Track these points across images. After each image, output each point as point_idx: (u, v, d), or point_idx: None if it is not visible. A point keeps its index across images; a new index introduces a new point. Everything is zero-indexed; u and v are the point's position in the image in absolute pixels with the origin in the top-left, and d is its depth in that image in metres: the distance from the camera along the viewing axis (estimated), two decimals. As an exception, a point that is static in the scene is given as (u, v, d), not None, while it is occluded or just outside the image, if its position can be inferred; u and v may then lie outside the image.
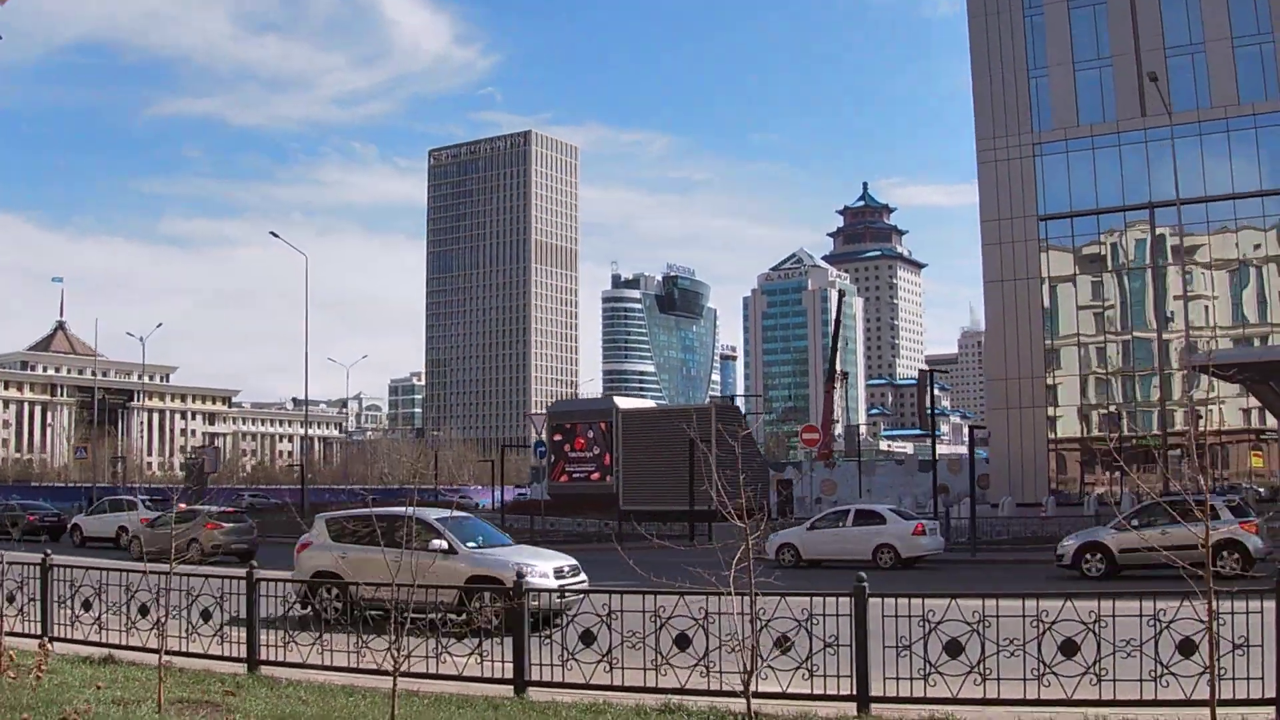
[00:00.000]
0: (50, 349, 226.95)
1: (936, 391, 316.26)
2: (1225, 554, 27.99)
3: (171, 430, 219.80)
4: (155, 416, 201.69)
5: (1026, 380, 67.26)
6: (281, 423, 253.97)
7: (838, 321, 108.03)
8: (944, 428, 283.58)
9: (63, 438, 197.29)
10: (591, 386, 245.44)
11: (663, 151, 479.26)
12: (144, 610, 15.24)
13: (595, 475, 68.91)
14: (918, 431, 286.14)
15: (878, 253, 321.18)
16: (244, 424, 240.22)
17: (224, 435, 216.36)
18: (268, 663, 14.24)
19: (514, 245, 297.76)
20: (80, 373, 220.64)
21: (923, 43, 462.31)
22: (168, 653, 14.60)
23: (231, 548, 40.39)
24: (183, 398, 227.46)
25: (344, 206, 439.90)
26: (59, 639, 16.08)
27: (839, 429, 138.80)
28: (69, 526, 50.12)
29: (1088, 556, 31.00)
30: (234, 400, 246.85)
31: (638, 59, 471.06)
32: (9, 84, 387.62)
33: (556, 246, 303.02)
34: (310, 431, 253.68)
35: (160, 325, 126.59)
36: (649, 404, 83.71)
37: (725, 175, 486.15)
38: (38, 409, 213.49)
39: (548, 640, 13.16)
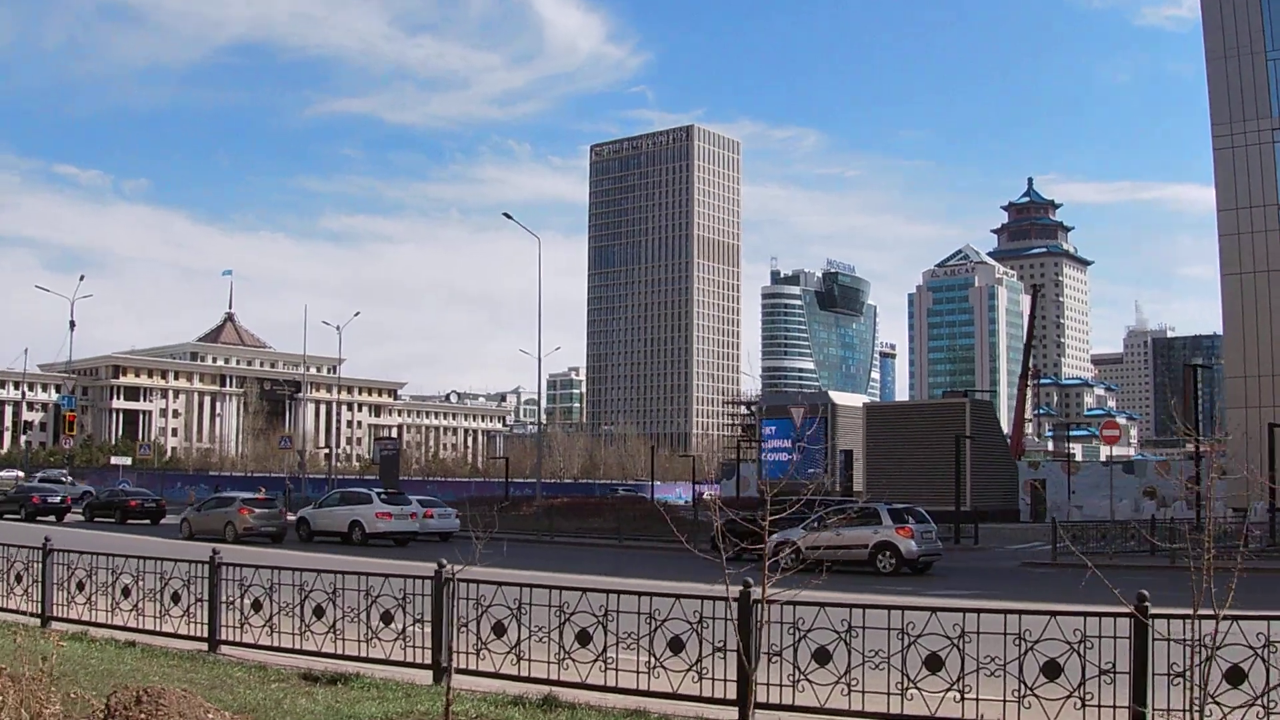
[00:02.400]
0: (219, 340, 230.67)
1: (1102, 392, 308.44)
2: (884, 554, 34.50)
3: (338, 421, 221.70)
4: (323, 408, 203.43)
5: (1267, 378, 63.50)
6: (442, 415, 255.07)
7: (1032, 318, 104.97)
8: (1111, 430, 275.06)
9: (232, 427, 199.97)
10: (751, 383, 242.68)
11: (814, 148, 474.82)
12: (583, 638, 12.27)
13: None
14: (1083, 432, 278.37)
15: (1044, 249, 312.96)
16: (406, 416, 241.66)
17: (390, 427, 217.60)
18: (766, 706, 11.40)
19: (676, 241, 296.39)
20: (249, 364, 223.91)
21: (1074, 37, 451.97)
22: (613, 690, 12.20)
23: (261, 530, 45.24)
24: (349, 389, 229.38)
25: (499, 204, 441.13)
26: (459, 670, 12.88)
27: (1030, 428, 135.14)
28: (297, 520, 49.06)
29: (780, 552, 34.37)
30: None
31: (786, 56, 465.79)
32: (169, 85, 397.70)
33: (718, 242, 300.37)
34: (474, 425, 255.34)
35: (358, 314, 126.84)
36: (863, 399, 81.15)
37: (877, 172, 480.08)
38: (206, 399, 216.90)
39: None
